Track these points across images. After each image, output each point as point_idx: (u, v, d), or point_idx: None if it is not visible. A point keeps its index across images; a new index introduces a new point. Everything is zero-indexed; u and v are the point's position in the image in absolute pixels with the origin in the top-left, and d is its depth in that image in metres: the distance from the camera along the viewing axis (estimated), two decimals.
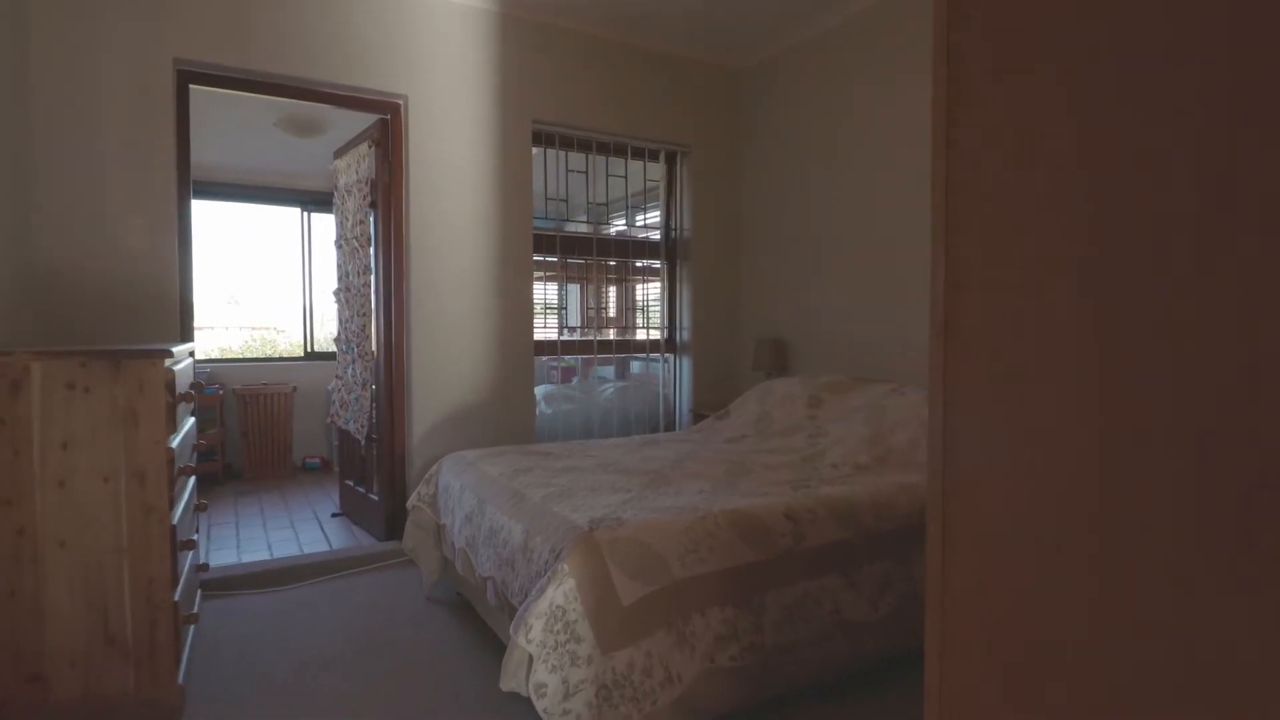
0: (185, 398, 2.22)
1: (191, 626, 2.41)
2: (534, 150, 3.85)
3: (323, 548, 3.57)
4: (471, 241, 3.63)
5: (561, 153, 4.00)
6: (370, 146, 3.63)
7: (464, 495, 2.53)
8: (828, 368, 3.82)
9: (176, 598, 2.12)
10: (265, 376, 5.54)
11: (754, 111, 4.33)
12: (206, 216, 5.88)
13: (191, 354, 2.77)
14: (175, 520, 2.13)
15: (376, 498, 3.69)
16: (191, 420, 2.63)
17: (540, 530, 1.97)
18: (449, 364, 3.58)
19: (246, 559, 3.39)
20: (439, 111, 3.54)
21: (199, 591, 2.79)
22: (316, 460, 5.57)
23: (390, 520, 3.55)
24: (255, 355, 6.17)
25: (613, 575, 1.77)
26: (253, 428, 5.24)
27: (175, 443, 2.14)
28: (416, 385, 3.51)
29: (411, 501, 2.93)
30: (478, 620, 2.62)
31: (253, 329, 7.43)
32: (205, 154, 5.15)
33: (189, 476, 2.26)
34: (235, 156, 5.27)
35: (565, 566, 1.75)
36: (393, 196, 3.53)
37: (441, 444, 3.55)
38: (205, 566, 2.77)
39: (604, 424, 4.32)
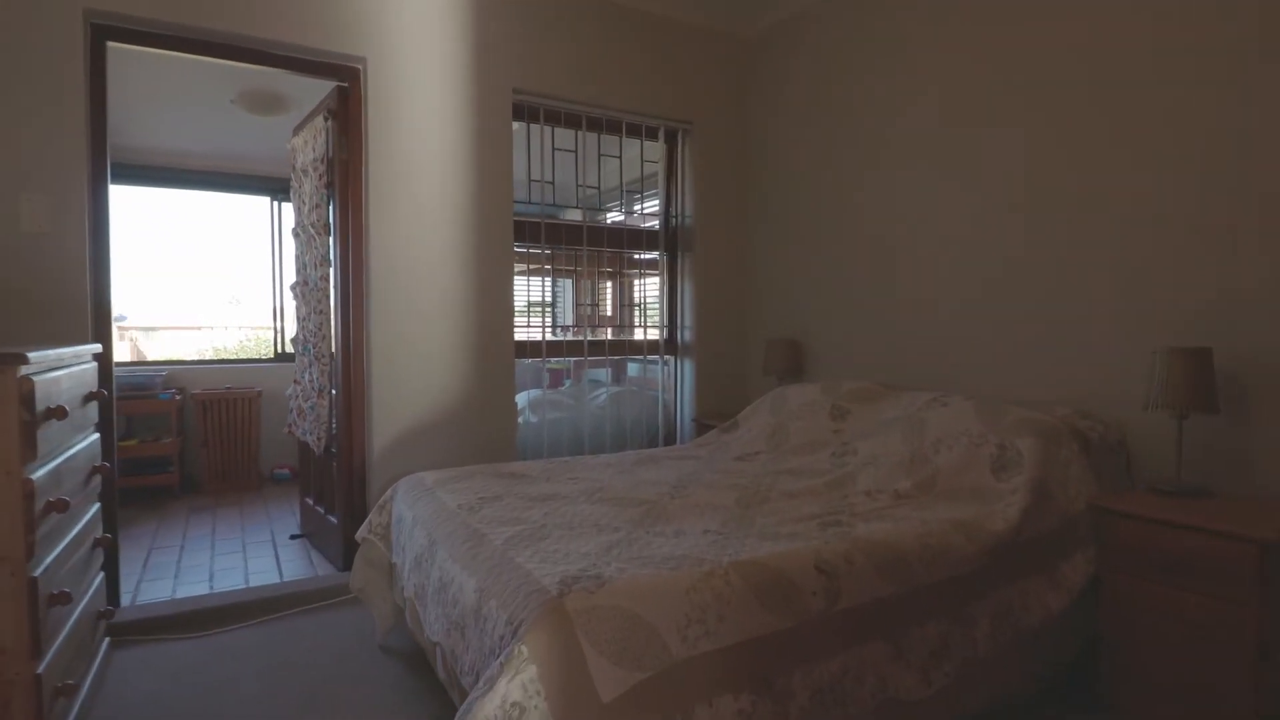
0: (55, 413, 1.76)
1: (78, 697, 1.96)
2: (515, 125, 3.39)
3: (272, 578, 3.11)
4: (442, 228, 3.17)
5: (547, 129, 3.54)
6: (326, 119, 3.18)
7: (415, 531, 2.07)
8: (850, 373, 3.35)
9: (40, 669, 1.67)
10: (230, 380, 5.09)
11: (765, 83, 3.86)
12: (178, 206, 5.45)
13: (97, 356, 2.32)
14: (39, 570, 1.68)
15: (335, 520, 3.23)
16: (91, 439, 2.18)
17: (497, 589, 1.51)
18: (416, 368, 3.12)
19: (182, 593, 2.93)
20: (404, 77, 3.08)
21: (105, 641, 2.34)
22: (286, 470, 5.11)
23: (349, 546, 3.09)
24: (219, 357, 5.73)
25: (589, 659, 1.31)
26: (213, 436, 4.78)
27: (38, 473, 1.69)
28: (378, 392, 3.05)
29: (361, 533, 2.47)
30: (438, 682, 2.16)
31: (252, 328, 7.02)
32: (161, 137, 4.71)
33: (64, 511, 1.80)
34: (195, 140, 4.82)
35: (524, 648, 1.29)
36: (351, 176, 3.07)
37: (406, 460, 3.09)
38: (110, 611, 2.32)
39: (596, 435, 3.86)
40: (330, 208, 3.22)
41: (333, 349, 3.23)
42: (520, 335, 3.51)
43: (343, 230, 3.11)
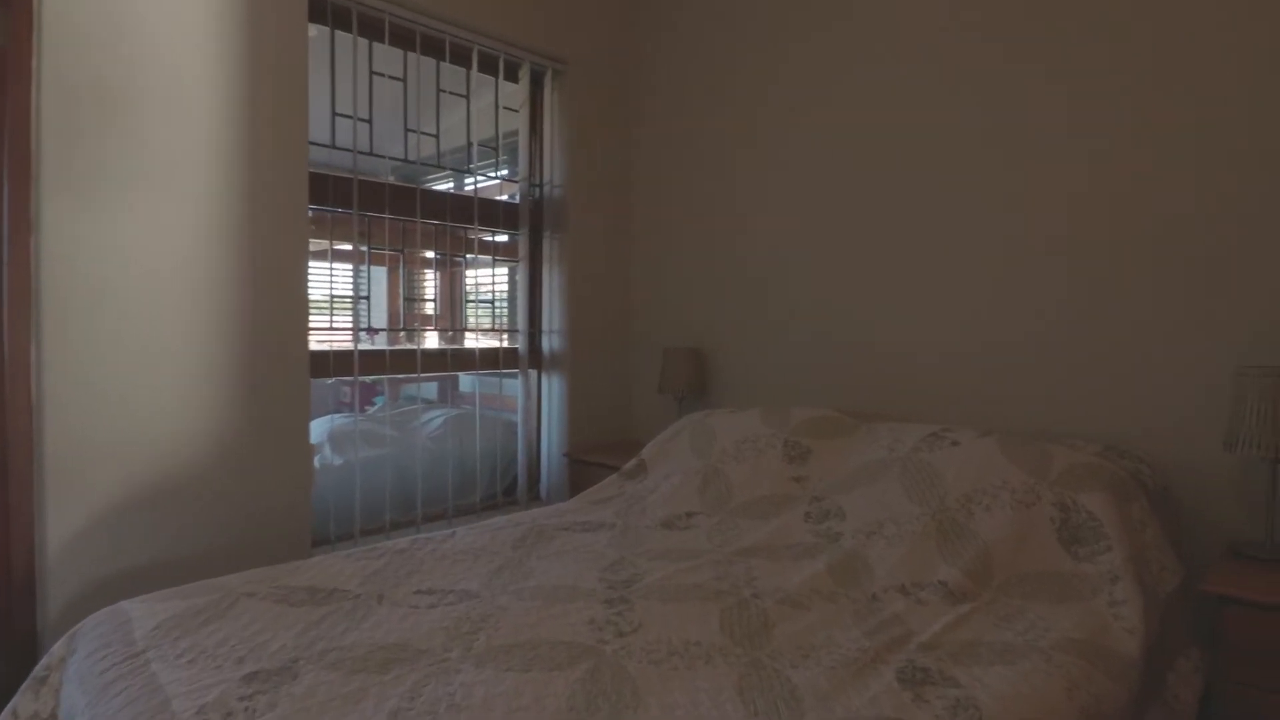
0: None
1: None
2: (312, 30, 2.26)
3: None
4: (186, 174, 1.97)
5: (363, 42, 2.43)
6: None
7: None
8: (772, 393, 2.62)
9: None
10: None
11: (664, 11, 3.02)
12: None
13: None
14: None
15: None
16: None
17: None
18: (134, 399, 1.89)
19: None
20: None
21: None
22: None
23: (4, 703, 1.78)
24: None
25: None
26: None
27: None
28: (57, 440, 1.78)
29: None
30: None
31: None
32: None
33: None
34: None
35: None
36: (9, 74, 1.77)
37: (113, 552, 1.85)
38: None
39: (433, 480, 2.77)
40: None
41: None
42: (317, 342, 2.37)
43: None
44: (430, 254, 2.99)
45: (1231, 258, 1.75)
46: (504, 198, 2.94)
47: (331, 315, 2.51)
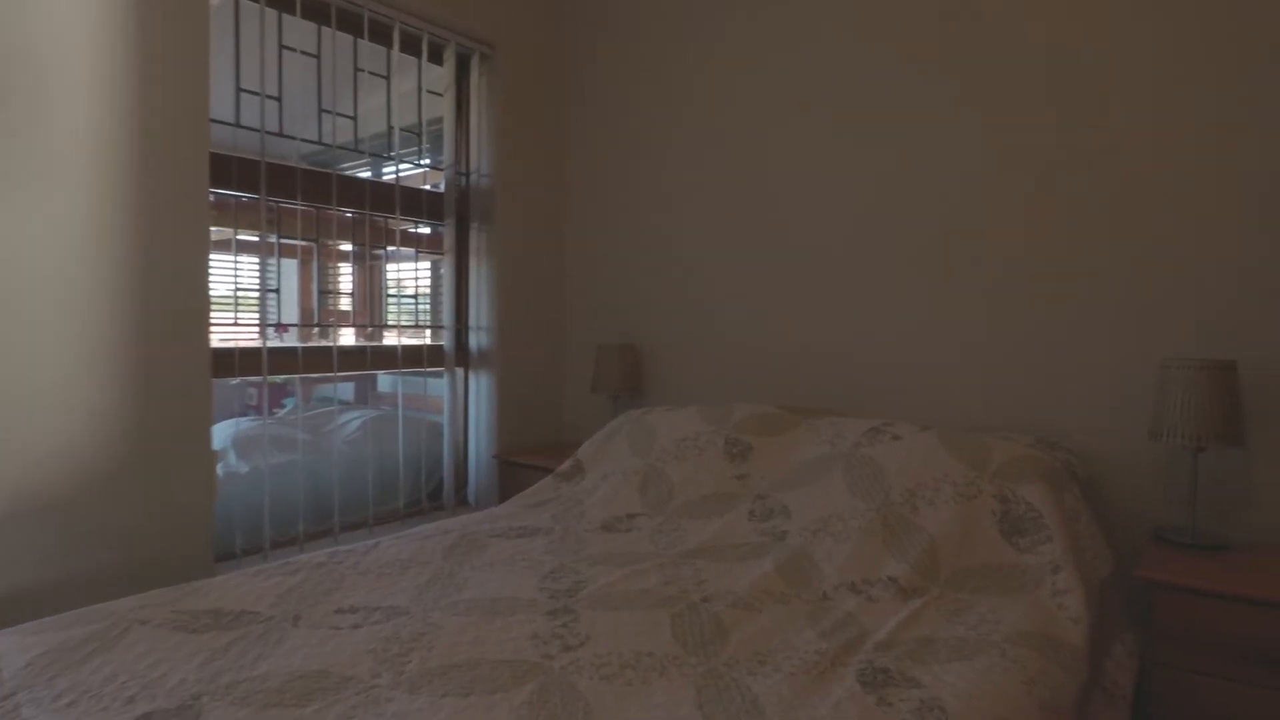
0: None
1: None
2: None
3: None
4: (66, 154, 1.75)
5: (271, 13, 2.25)
6: None
7: None
8: (708, 390, 2.59)
9: None
10: None
11: None
12: None
13: None
14: None
15: None
16: None
17: None
18: (8, 400, 1.66)
19: None
20: None
21: None
22: None
23: None
24: None
25: None
26: None
27: None
28: None
29: None
30: None
31: None
32: None
33: None
34: None
35: None
36: None
37: None
38: None
39: (351, 487, 2.61)
40: None
41: None
42: (220, 340, 2.17)
43: None
44: (347, 246, 2.80)
45: (1155, 257, 1.81)
46: (428, 187, 2.79)
47: (236, 310, 2.30)
